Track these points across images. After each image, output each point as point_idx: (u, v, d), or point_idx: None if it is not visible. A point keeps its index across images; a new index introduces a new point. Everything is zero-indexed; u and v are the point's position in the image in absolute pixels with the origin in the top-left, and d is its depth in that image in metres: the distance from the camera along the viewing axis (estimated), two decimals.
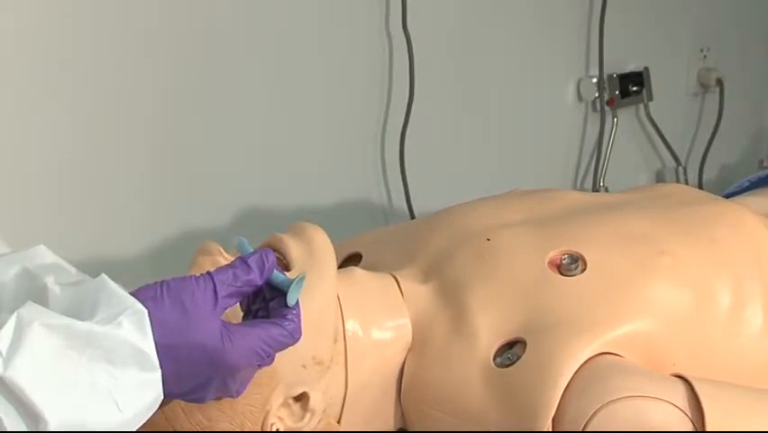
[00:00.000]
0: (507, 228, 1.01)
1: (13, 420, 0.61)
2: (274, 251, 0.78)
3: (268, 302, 0.77)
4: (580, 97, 1.86)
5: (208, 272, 0.72)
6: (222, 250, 0.88)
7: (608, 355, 0.88)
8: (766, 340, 0.95)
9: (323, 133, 1.54)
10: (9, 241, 0.79)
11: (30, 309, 0.64)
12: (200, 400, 0.74)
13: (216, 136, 1.42)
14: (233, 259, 0.76)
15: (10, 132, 1.23)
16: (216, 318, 0.70)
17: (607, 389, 0.83)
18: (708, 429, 0.81)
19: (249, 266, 0.73)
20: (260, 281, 0.74)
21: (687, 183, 1.95)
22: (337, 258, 0.92)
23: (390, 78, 1.58)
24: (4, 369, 0.61)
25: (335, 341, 0.89)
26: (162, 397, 0.68)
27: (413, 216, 1.61)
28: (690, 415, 0.82)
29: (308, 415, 0.87)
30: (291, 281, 0.76)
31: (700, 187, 1.97)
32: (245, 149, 1.45)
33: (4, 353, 0.61)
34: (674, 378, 0.87)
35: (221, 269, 0.73)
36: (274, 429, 0.85)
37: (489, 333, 0.91)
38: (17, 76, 1.23)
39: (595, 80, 1.83)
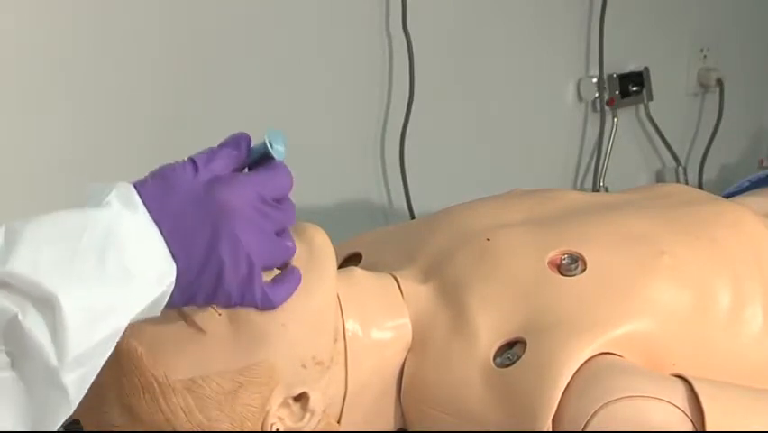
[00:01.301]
0: (507, 228, 1.01)
1: (32, 318, 0.61)
2: None
3: None
4: (580, 97, 1.86)
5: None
6: None
7: (607, 355, 0.87)
8: (766, 340, 0.94)
9: (323, 133, 1.54)
10: None
11: (18, 221, 0.66)
12: (220, 280, 0.72)
13: (216, 136, 1.41)
14: None
15: (10, 132, 1.23)
16: (199, 180, 0.73)
17: (606, 389, 0.83)
18: (708, 429, 0.81)
19: (224, 144, 0.78)
20: (236, 150, 0.77)
21: (687, 183, 1.95)
22: (337, 258, 0.92)
23: (390, 78, 1.58)
24: (2, 264, 0.62)
25: (335, 341, 0.89)
26: (172, 258, 0.69)
27: (413, 216, 1.60)
28: (690, 415, 0.82)
29: (308, 415, 0.87)
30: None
31: (700, 187, 1.97)
32: None
33: None
34: (674, 378, 0.86)
35: (198, 153, 0.76)
36: (274, 429, 0.85)
37: (489, 333, 0.91)
38: (17, 76, 1.23)
39: (595, 80, 1.83)
